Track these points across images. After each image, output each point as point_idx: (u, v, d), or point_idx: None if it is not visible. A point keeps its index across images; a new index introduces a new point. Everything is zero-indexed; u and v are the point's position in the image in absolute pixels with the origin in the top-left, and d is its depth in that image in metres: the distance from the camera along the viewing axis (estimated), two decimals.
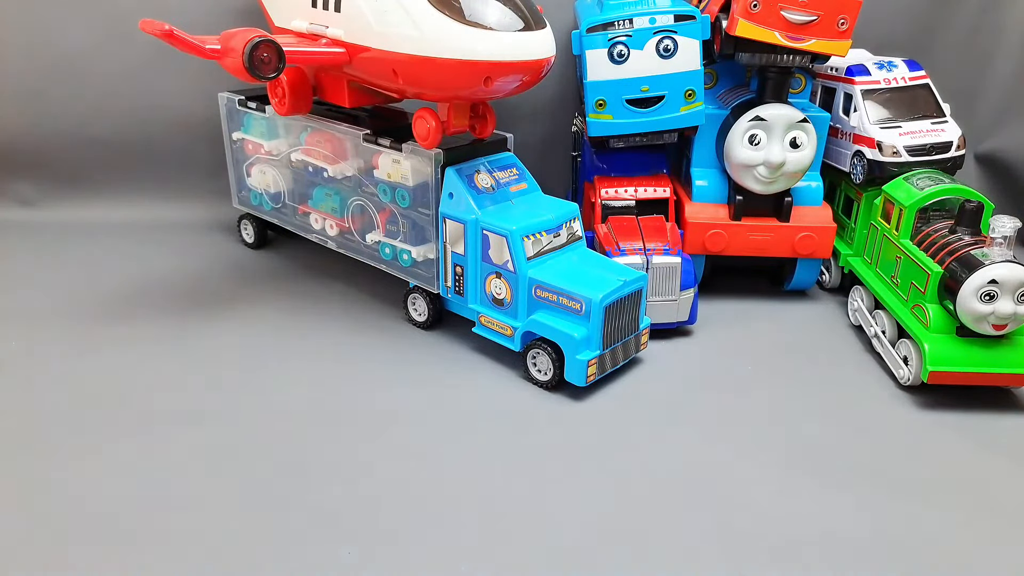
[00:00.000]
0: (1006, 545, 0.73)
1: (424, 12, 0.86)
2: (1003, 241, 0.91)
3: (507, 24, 0.86)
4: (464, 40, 0.85)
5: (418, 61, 0.88)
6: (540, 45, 0.88)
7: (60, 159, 1.47)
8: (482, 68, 0.86)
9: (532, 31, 0.87)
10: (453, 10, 0.86)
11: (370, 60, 0.94)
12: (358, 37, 0.93)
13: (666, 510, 0.76)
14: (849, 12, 1.04)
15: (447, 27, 0.85)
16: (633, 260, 1.05)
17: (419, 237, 1.07)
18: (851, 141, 1.20)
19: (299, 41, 0.99)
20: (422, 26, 0.86)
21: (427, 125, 0.96)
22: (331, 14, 0.96)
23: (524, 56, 0.87)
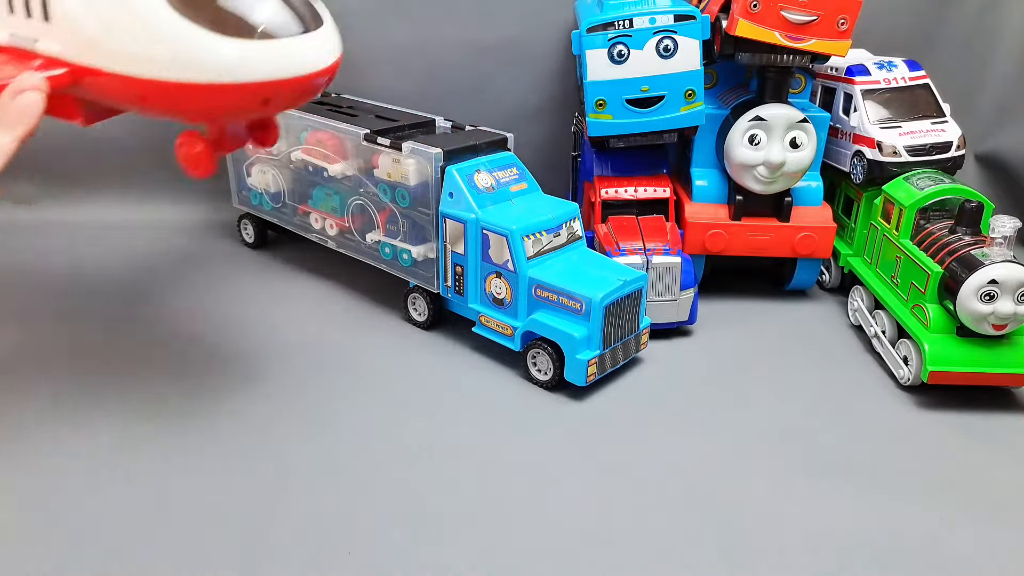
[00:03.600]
0: (1006, 545, 0.73)
1: (169, 23, 0.65)
2: (1003, 241, 0.91)
3: (282, 27, 0.68)
4: (230, 58, 0.66)
5: (171, 87, 0.68)
6: (326, 49, 0.71)
7: (60, 159, 1.47)
8: (257, 90, 0.68)
9: (313, 32, 0.70)
10: (208, 17, 0.66)
11: (104, 84, 0.71)
12: (82, 55, 0.70)
13: (666, 509, 0.76)
14: (849, 12, 1.04)
15: (204, 42, 0.66)
16: (633, 260, 1.05)
17: (419, 237, 1.07)
18: (851, 141, 1.20)
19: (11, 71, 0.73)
20: (169, 43, 0.66)
21: (193, 151, 0.77)
22: (37, 23, 0.72)
23: (309, 68, 0.70)
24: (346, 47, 1.57)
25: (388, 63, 1.46)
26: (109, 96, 0.75)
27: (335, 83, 1.40)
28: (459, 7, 1.43)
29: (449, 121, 1.16)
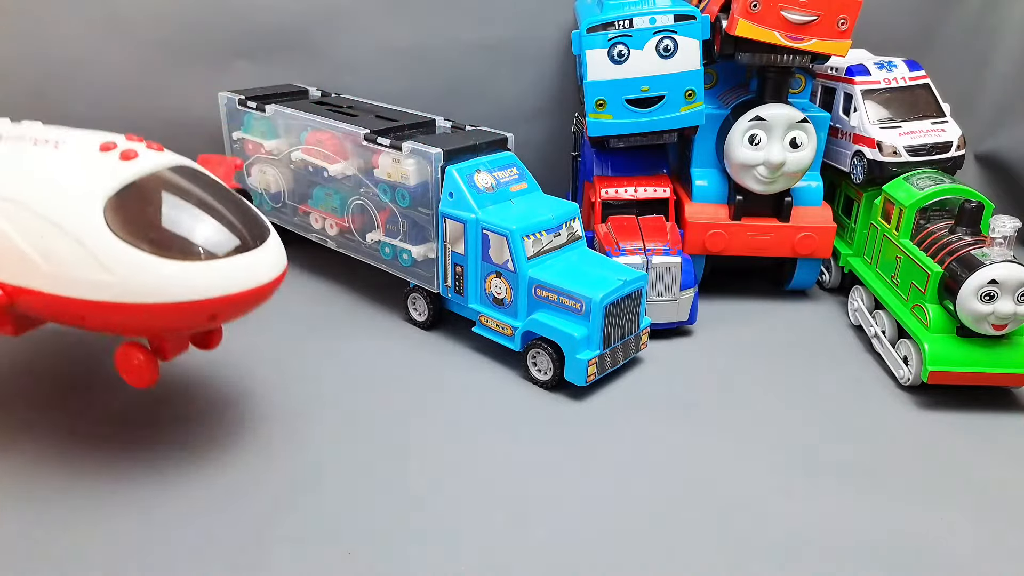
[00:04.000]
0: (1006, 544, 0.73)
1: (111, 248, 0.67)
2: (1003, 241, 0.91)
3: (223, 245, 0.70)
4: (175, 280, 0.68)
5: (115, 308, 0.68)
6: (269, 263, 0.73)
7: None
8: (203, 308, 0.70)
9: (258, 247, 0.73)
10: (151, 241, 0.68)
11: (45, 304, 0.71)
12: (21, 279, 0.70)
13: (666, 509, 0.76)
14: (849, 12, 1.04)
15: (147, 265, 0.67)
16: (633, 260, 1.05)
17: (419, 236, 1.07)
18: (851, 141, 1.20)
19: None
20: (113, 268, 0.67)
21: (135, 361, 0.75)
22: None
23: (254, 283, 0.71)
24: (346, 47, 1.58)
25: (388, 63, 1.46)
26: (49, 315, 0.75)
27: (335, 83, 1.41)
28: (459, 7, 1.43)
29: (449, 121, 1.16)
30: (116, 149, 0.73)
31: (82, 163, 0.73)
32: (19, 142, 0.77)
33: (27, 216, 0.69)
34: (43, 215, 0.69)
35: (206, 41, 1.43)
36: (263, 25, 1.43)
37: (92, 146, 0.74)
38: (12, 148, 0.76)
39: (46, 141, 0.76)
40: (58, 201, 0.69)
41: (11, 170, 0.73)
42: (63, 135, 0.78)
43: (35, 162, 0.73)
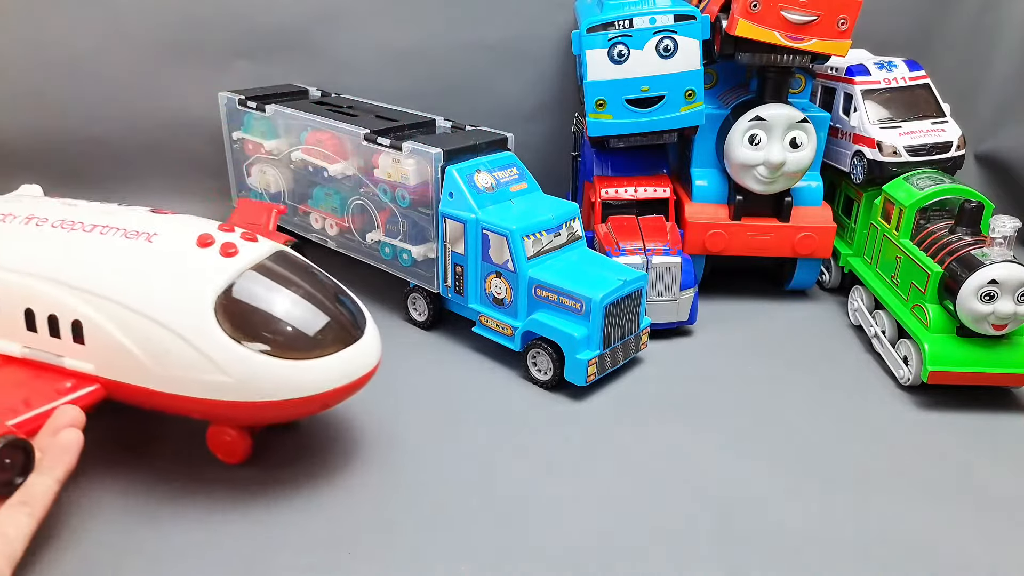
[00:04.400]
0: (1006, 544, 0.73)
1: (227, 350, 0.67)
2: (1003, 241, 0.91)
3: (333, 339, 0.71)
4: (291, 378, 0.68)
5: (228, 405, 0.70)
6: (373, 350, 0.75)
7: (61, 159, 1.47)
8: (316, 401, 0.71)
9: (361, 337, 0.73)
10: (266, 339, 0.68)
11: (144, 398, 0.72)
12: (123, 375, 0.71)
13: (666, 509, 0.76)
14: (849, 12, 1.04)
15: (264, 366, 0.68)
16: (633, 260, 1.05)
17: (419, 237, 1.07)
18: (851, 141, 1.20)
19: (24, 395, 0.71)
20: (229, 370, 0.67)
21: (227, 438, 0.76)
22: (66, 344, 0.73)
23: (358, 374, 0.73)
24: (346, 47, 1.58)
25: (388, 63, 1.46)
26: (148, 406, 0.75)
27: (335, 83, 1.41)
28: (459, 7, 1.43)
29: (449, 121, 1.16)
30: (215, 244, 0.73)
31: (185, 261, 0.72)
32: (106, 234, 0.75)
33: (131, 317, 0.69)
34: (150, 316, 0.69)
35: (206, 41, 1.43)
36: (263, 25, 1.43)
37: (189, 240, 0.73)
38: (101, 241, 0.75)
39: (136, 233, 0.75)
40: (166, 303, 0.69)
41: (108, 267, 0.72)
42: (149, 224, 0.76)
43: (134, 260, 0.72)
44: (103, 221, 0.77)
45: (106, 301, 0.70)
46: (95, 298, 0.71)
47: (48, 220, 0.78)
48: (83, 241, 0.75)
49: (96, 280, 0.71)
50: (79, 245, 0.75)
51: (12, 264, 0.75)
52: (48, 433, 0.68)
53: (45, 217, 0.79)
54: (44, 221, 0.78)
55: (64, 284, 0.72)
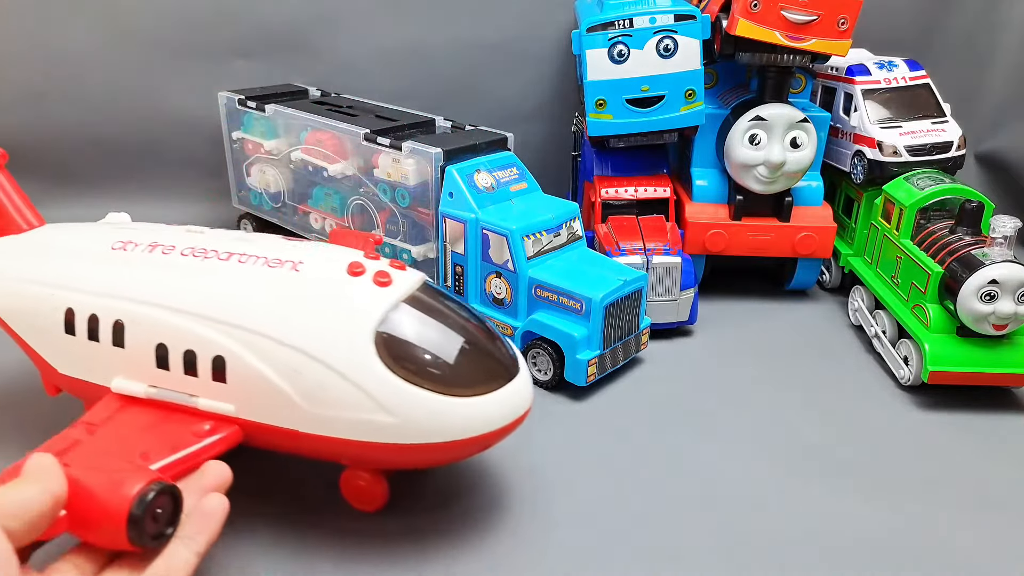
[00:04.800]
0: (1006, 544, 0.73)
1: (390, 388, 0.61)
2: (1003, 241, 0.91)
3: (496, 375, 0.66)
4: (457, 418, 0.63)
5: (385, 448, 0.63)
6: (529, 388, 0.69)
7: (61, 159, 1.47)
8: (480, 442, 0.65)
9: (518, 373, 0.68)
10: (430, 376, 0.63)
11: (289, 441, 0.66)
12: (269, 416, 0.65)
13: (666, 509, 0.76)
14: (849, 12, 1.04)
15: (431, 405, 0.62)
16: (633, 260, 1.05)
17: (419, 236, 1.07)
18: (851, 141, 1.20)
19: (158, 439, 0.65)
20: (394, 408, 0.62)
21: (362, 483, 0.70)
22: (204, 382, 0.66)
23: (521, 410, 0.67)
24: (346, 47, 1.58)
25: (388, 63, 1.46)
26: (289, 450, 0.68)
27: (335, 83, 1.41)
28: (459, 7, 1.43)
29: (449, 121, 1.16)
30: (367, 272, 0.67)
31: (339, 292, 0.65)
32: (246, 262, 0.69)
33: (283, 352, 0.63)
34: (305, 351, 0.62)
35: (206, 41, 1.43)
36: (263, 25, 1.43)
37: (339, 269, 0.67)
38: (243, 271, 0.68)
39: (280, 262, 0.68)
40: (322, 336, 0.63)
41: (255, 299, 0.66)
42: (290, 251, 0.70)
43: (282, 290, 0.66)
44: (238, 249, 0.70)
45: (254, 335, 0.63)
46: (241, 332, 0.64)
47: (176, 248, 0.71)
48: (222, 271, 0.68)
49: (241, 313, 0.65)
50: (218, 275, 0.68)
51: (141, 296, 0.68)
52: (194, 489, 0.59)
53: (172, 245, 0.72)
54: (171, 249, 0.71)
55: (204, 317, 0.65)
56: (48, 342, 0.73)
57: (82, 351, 0.70)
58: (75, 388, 0.74)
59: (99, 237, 0.75)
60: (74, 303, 0.70)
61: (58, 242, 0.78)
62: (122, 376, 0.69)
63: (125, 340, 0.68)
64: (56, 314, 0.71)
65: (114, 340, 0.69)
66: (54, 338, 0.72)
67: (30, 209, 0.81)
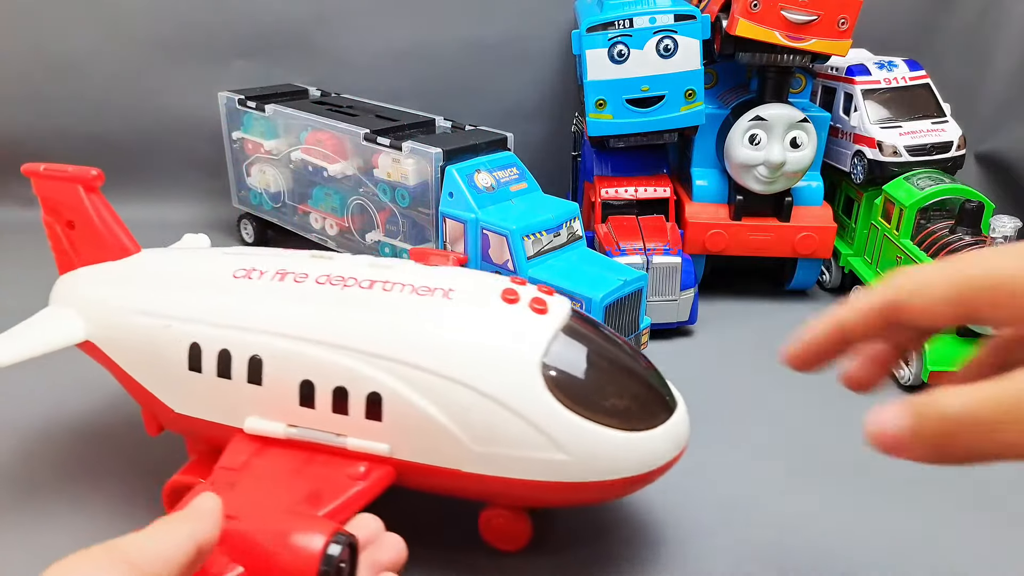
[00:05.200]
0: (1007, 545, 0.73)
1: (569, 426, 0.58)
2: (1003, 241, 0.91)
3: (661, 406, 0.63)
4: (631, 454, 0.59)
5: (553, 487, 0.59)
6: (687, 423, 0.65)
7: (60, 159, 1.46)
8: (643, 480, 0.62)
9: (678, 405, 0.65)
10: (601, 409, 0.59)
11: (454, 482, 0.61)
12: (429, 456, 0.60)
13: (666, 510, 0.76)
14: (849, 12, 1.04)
15: (606, 441, 0.58)
16: (633, 260, 1.05)
17: (419, 236, 1.07)
18: (851, 141, 1.20)
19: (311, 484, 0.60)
20: (568, 446, 0.58)
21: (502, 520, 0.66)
22: (355, 421, 0.61)
23: (681, 446, 0.64)
24: (346, 47, 1.58)
25: (388, 63, 1.46)
26: (446, 491, 0.64)
27: (335, 83, 1.41)
28: (459, 7, 1.43)
29: (449, 121, 1.16)
30: (521, 299, 0.63)
31: (499, 321, 0.61)
32: (392, 291, 0.63)
33: (447, 387, 0.58)
34: (471, 386, 0.58)
35: (205, 41, 1.43)
36: (263, 25, 1.43)
37: (492, 295, 0.63)
38: (391, 300, 0.63)
39: (429, 289, 0.63)
40: (488, 371, 0.58)
41: (410, 330, 0.60)
42: (436, 278, 0.65)
43: (439, 320, 0.61)
44: (379, 276, 0.65)
45: (415, 370, 0.58)
46: (400, 367, 0.59)
47: (309, 276, 0.65)
48: (369, 300, 0.63)
49: (399, 346, 0.59)
50: (366, 305, 0.62)
51: (281, 328, 0.62)
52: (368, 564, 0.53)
53: (304, 273, 0.66)
54: (304, 277, 0.65)
55: (357, 351, 0.60)
56: (164, 379, 0.66)
57: (208, 389, 0.63)
58: (191, 428, 0.67)
59: (214, 264, 0.69)
60: (200, 337, 0.63)
61: (167, 270, 0.71)
62: (257, 415, 0.63)
63: (263, 377, 0.62)
64: (177, 349, 0.64)
65: (249, 377, 0.62)
66: (173, 375, 0.65)
67: (125, 233, 0.73)
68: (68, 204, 0.72)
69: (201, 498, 0.47)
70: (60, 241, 0.74)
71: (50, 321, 0.71)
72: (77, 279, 0.73)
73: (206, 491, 0.49)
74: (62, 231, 0.74)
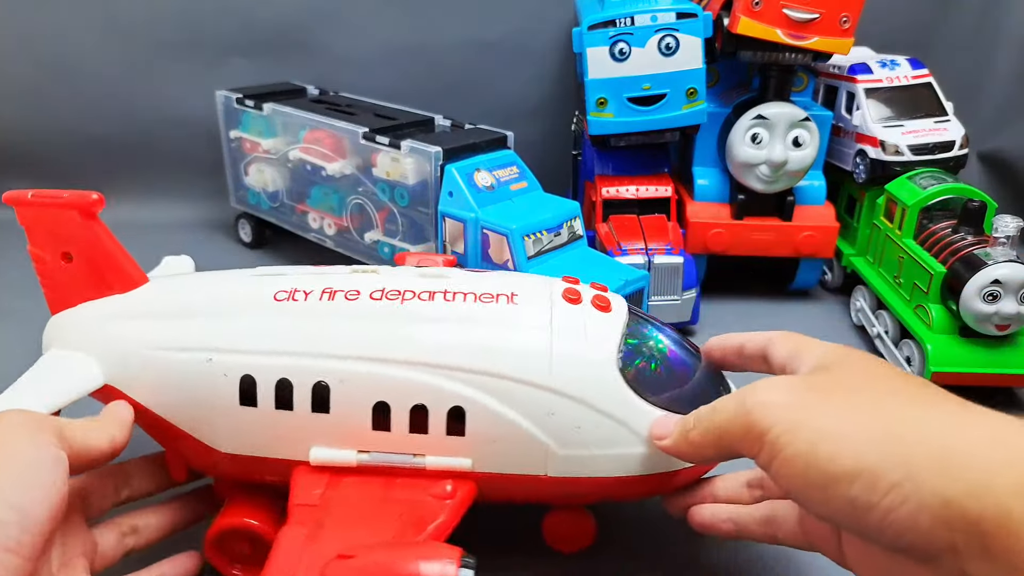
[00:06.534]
0: None
1: (649, 419, 0.59)
2: (1006, 241, 0.91)
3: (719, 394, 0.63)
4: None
5: (632, 482, 0.61)
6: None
7: (59, 158, 1.46)
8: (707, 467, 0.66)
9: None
10: (680, 402, 0.61)
11: (535, 489, 0.61)
12: (512, 466, 0.60)
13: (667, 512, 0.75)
14: (851, 10, 1.03)
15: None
16: (635, 260, 1.05)
17: (418, 236, 1.06)
18: (854, 140, 1.19)
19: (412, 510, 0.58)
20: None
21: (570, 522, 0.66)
22: (435, 438, 0.59)
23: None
24: (344, 45, 1.57)
25: (387, 61, 1.45)
26: (525, 499, 0.63)
27: (333, 81, 1.40)
28: (459, 4, 1.42)
29: (448, 119, 1.16)
30: (584, 298, 0.63)
31: (572, 322, 0.61)
32: (454, 300, 0.62)
33: (532, 394, 0.57)
34: (555, 390, 0.57)
35: (203, 39, 1.42)
36: (261, 23, 1.42)
37: (555, 297, 0.63)
38: (456, 310, 0.61)
39: (492, 296, 0.62)
40: (569, 372, 0.58)
41: (486, 339, 0.59)
42: (492, 283, 0.64)
43: (513, 326, 0.60)
44: (434, 287, 0.63)
45: (498, 379, 0.58)
46: (483, 378, 0.58)
47: (361, 293, 0.62)
48: (434, 312, 0.61)
49: (479, 356, 0.58)
50: (433, 318, 0.60)
51: (346, 351, 0.59)
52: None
53: (353, 289, 0.63)
54: (356, 294, 0.62)
55: (436, 366, 0.58)
56: (207, 419, 0.60)
57: (265, 424, 0.59)
58: (239, 468, 0.62)
59: (247, 288, 0.65)
60: (253, 368, 0.59)
61: (193, 298, 0.65)
62: (323, 445, 0.60)
63: (331, 404, 0.59)
64: (225, 384, 0.59)
65: (314, 406, 0.59)
66: (219, 413, 0.60)
67: (130, 262, 0.66)
68: (64, 234, 0.64)
69: (118, 406, 0.58)
70: (53, 276, 0.66)
71: (59, 369, 0.63)
72: (80, 317, 0.65)
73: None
74: (56, 264, 0.65)
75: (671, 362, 0.63)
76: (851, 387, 0.50)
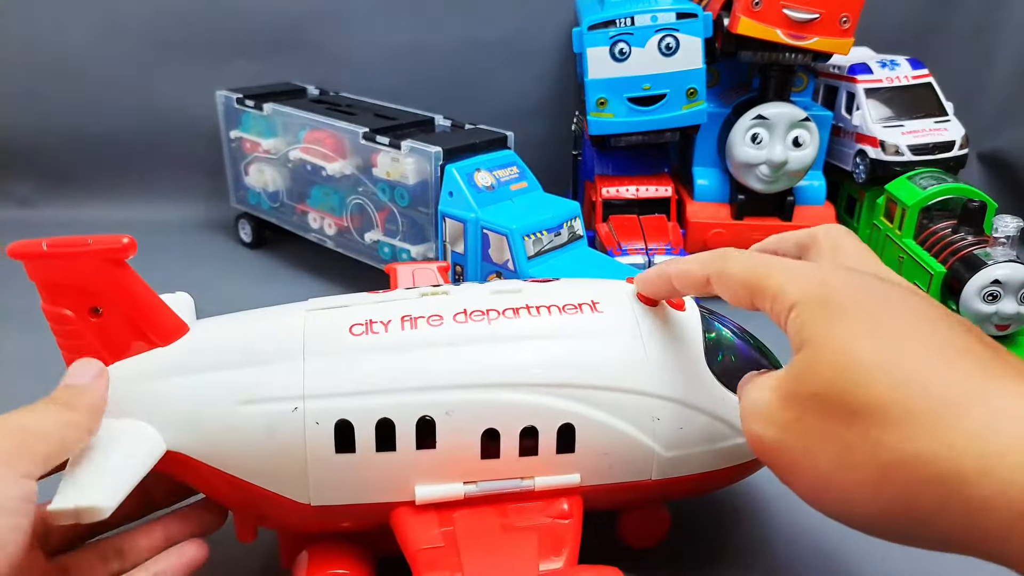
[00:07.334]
0: None
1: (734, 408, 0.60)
2: (1006, 241, 0.91)
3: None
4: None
5: (730, 472, 0.63)
6: None
7: (58, 158, 1.46)
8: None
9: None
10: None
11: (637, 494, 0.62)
12: (618, 475, 0.60)
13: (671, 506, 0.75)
14: (851, 10, 1.03)
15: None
16: (635, 260, 1.05)
17: (418, 236, 1.06)
18: (854, 140, 1.19)
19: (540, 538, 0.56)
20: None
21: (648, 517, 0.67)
22: (545, 459, 0.58)
23: None
24: (345, 45, 1.57)
25: (387, 61, 1.45)
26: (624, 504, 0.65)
27: (333, 81, 1.40)
28: (459, 4, 1.42)
29: (448, 119, 1.16)
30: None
31: (655, 325, 0.61)
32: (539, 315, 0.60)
33: (636, 401, 0.57)
34: (657, 395, 0.58)
35: (203, 39, 1.42)
36: (261, 23, 1.42)
37: (633, 302, 0.62)
38: (543, 325, 0.60)
39: (576, 307, 0.61)
40: (666, 375, 0.58)
41: (582, 353, 0.58)
42: (572, 293, 0.63)
43: (607, 336, 0.59)
44: (515, 303, 0.61)
45: (603, 391, 0.57)
46: (589, 392, 0.57)
47: (443, 317, 0.59)
48: (526, 330, 0.59)
49: (582, 370, 0.57)
50: (528, 335, 0.59)
51: (446, 381, 0.56)
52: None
53: (435, 315, 0.59)
54: (439, 319, 0.59)
55: (542, 385, 0.57)
56: (295, 472, 0.55)
57: (364, 468, 0.56)
58: (324, 520, 0.58)
59: (315, 323, 0.59)
60: (349, 412, 0.55)
61: (255, 343, 0.59)
62: (428, 482, 0.57)
63: (437, 438, 0.56)
64: (317, 433, 0.55)
65: (419, 443, 0.56)
66: (314, 464, 0.55)
67: (167, 311, 0.59)
68: (91, 287, 0.55)
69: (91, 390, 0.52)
70: (77, 335, 0.56)
71: (111, 445, 0.53)
72: (121, 378, 0.56)
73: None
74: (81, 321, 0.56)
75: (740, 350, 0.64)
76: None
